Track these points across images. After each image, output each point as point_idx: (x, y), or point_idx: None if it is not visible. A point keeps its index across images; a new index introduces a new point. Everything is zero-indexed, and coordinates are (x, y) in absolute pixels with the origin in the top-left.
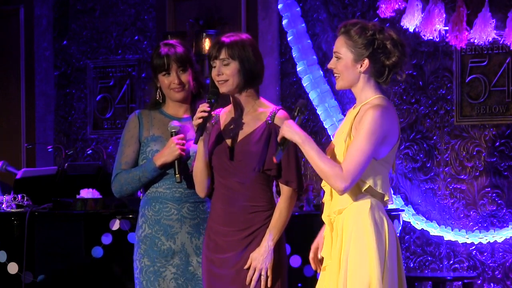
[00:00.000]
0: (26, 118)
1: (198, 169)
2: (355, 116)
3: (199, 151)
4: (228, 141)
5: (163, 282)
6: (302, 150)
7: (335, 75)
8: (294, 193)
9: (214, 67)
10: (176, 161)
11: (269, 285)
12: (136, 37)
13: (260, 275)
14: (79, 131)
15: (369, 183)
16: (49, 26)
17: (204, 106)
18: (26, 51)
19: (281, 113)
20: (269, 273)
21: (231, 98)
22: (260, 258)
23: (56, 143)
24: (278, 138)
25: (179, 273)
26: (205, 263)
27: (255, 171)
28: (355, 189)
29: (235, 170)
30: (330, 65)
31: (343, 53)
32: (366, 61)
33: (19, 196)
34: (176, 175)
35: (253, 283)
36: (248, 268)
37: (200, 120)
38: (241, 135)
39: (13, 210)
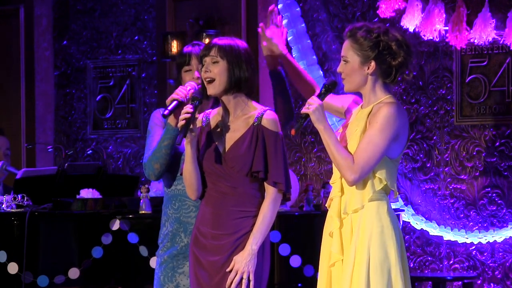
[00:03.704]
0: (26, 118)
1: (187, 171)
2: (369, 114)
3: (187, 153)
4: (219, 147)
5: (179, 277)
6: (321, 137)
7: (342, 78)
8: (280, 195)
9: (203, 66)
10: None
11: None
12: (136, 37)
13: (241, 278)
14: (79, 131)
15: (385, 182)
16: (49, 26)
17: (187, 108)
18: (26, 51)
19: (268, 114)
20: (251, 277)
21: (220, 101)
22: (243, 261)
23: (56, 143)
24: (302, 111)
25: None
26: (192, 262)
27: (247, 176)
28: (370, 187)
29: (227, 175)
30: (339, 69)
31: (350, 56)
32: (373, 63)
33: (19, 196)
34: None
35: (233, 286)
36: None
37: (183, 122)
38: (231, 140)
39: (13, 210)
